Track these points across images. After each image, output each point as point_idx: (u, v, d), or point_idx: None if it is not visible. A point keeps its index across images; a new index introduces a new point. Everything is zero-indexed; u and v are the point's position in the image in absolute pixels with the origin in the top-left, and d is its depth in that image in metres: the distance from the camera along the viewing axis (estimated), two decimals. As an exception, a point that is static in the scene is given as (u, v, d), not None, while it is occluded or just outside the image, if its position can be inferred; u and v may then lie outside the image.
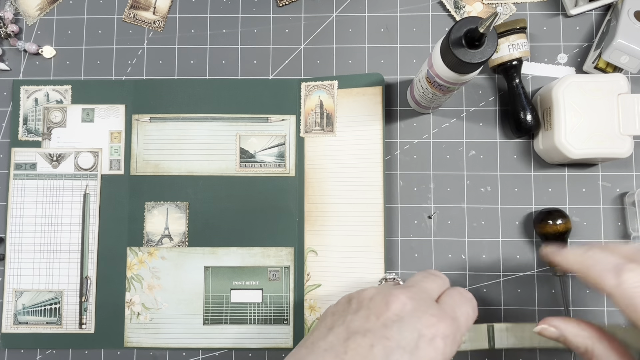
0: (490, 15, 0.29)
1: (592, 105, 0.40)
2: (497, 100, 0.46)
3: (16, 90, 0.46)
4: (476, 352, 0.44)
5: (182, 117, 0.46)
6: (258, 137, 0.46)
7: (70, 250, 0.45)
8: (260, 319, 0.44)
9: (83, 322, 0.44)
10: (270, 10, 0.48)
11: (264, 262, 0.45)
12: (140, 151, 0.46)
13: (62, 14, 0.48)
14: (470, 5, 0.46)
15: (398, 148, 0.46)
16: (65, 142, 0.46)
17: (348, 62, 0.47)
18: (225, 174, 0.45)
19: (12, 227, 0.45)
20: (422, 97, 0.41)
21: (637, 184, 0.45)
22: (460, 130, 0.46)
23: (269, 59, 0.47)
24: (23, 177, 0.46)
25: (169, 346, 0.44)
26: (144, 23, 0.48)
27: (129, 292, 0.45)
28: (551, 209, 0.43)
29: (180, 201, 0.45)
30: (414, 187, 0.45)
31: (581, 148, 0.40)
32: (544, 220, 0.43)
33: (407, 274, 0.45)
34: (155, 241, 0.45)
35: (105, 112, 0.46)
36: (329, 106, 0.45)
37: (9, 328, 0.44)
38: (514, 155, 0.45)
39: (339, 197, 0.44)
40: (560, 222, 0.42)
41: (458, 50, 0.32)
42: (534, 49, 0.46)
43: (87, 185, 0.46)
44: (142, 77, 0.47)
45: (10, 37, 0.47)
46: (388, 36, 0.47)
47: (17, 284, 0.45)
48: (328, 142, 0.45)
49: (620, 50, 0.41)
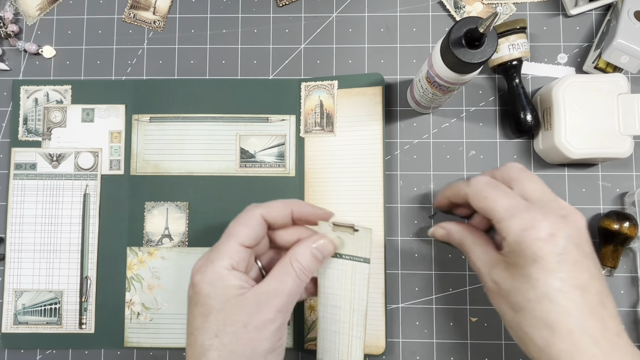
0: (490, 15, 0.29)
1: (592, 105, 0.40)
2: (497, 100, 0.46)
3: (16, 90, 0.46)
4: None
5: (182, 117, 0.46)
6: (258, 137, 0.46)
7: (70, 250, 0.45)
8: (260, 319, 0.44)
9: (83, 322, 0.44)
10: (270, 10, 0.48)
11: (264, 262, 0.45)
12: (140, 151, 0.46)
13: (62, 14, 0.48)
14: (470, 5, 0.46)
15: (398, 148, 0.46)
16: (65, 142, 0.46)
17: (348, 62, 0.47)
18: (225, 174, 0.45)
19: (12, 227, 0.45)
20: (422, 97, 0.41)
21: (637, 184, 0.45)
22: (460, 130, 0.46)
23: (269, 59, 0.47)
24: (23, 177, 0.46)
25: (169, 346, 0.44)
26: (144, 23, 0.48)
27: (129, 292, 0.45)
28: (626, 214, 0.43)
29: (180, 201, 0.45)
30: (414, 187, 0.45)
31: (581, 148, 0.40)
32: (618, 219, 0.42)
33: (407, 274, 0.45)
34: (155, 241, 0.45)
35: (105, 112, 0.46)
36: (329, 106, 0.45)
37: (9, 328, 0.44)
38: (514, 155, 0.45)
39: (339, 197, 0.44)
40: (627, 224, 0.42)
41: (458, 50, 0.32)
42: (534, 49, 0.46)
43: (87, 185, 0.46)
44: (142, 77, 0.47)
45: (10, 37, 0.47)
46: (388, 36, 0.47)
47: (17, 284, 0.45)
48: (328, 142, 0.45)
49: (620, 50, 0.41)
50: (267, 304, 0.31)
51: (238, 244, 0.33)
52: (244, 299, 0.31)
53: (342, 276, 0.37)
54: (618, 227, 0.42)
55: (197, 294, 0.31)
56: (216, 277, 0.31)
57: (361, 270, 0.36)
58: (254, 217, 0.34)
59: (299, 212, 0.35)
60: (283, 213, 0.35)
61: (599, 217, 0.44)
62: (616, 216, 0.42)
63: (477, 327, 0.44)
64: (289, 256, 0.33)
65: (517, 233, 0.30)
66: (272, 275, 0.32)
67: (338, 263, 0.36)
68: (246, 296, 0.31)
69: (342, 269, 0.36)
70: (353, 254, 0.36)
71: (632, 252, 0.44)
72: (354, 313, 0.37)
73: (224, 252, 0.32)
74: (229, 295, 0.31)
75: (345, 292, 0.37)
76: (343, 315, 0.37)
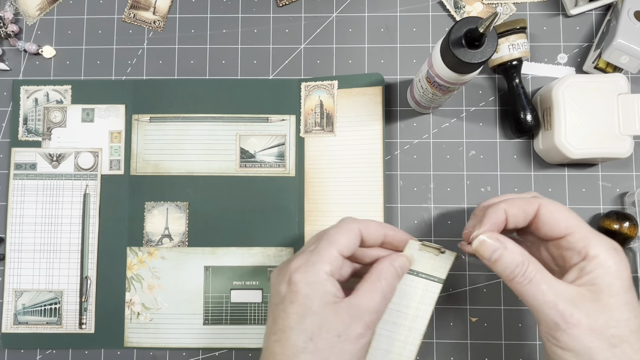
0: (490, 15, 0.29)
1: (592, 105, 0.40)
2: (497, 100, 0.46)
3: (16, 90, 0.46)
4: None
5: (182, 117, 0.46)
6: (258, 137, 0.46)
7: (70, 250, 0.45)
8: (260, 319, 0.44)
9: (83, 322, 0.44)
10: (270, 10, 0.48)
11: (264, 262, 0.45)
12: (140, 151, 0.46)
13: (62, 14, 0.48)
14: (470, 5, 0.46)
15: (398, 148, 0.46)
16: (65, 142, 0.46)
17: (348, 62, 0.47)
18: (225, 174, 0.45)
19: (12, 227, 0.45)
20: (422, 97, 0.41)
21: (637, 184, 0.45)
22: (460, 130, 0.46)
23: (269, 59, 0.47)
24: (23, 177, 0.46)
25: (169, 346, 0.44)
26: (144, 23, 0.48)
27: (129, 292, 0.45)
28: (626, 214, 0.43)
29: (180, 201, 0.45)
30: (414, 187, 0.45)
31: (581, 148, 0.40)
32: (618, 219, 0.42)
33: (407, 274, 0.45)
34: (155, 241, 0.45)
35: (105, 112, 0.46)
36: (329, 106, 0.45)
37: (9, 328, 0.44)
38: (514, 155, 0.45)
39: (339, 197, 0.44)
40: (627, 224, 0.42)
41: (458, 50, 0.32)
42: (534, 49, 0.46)
43: (87, 185, 0.46)
44: (142, 77, 0.47)
45: (10, 37, 0.47)
46: (388, 36, 0.47)
47: (17, 284, 0.45)
48: (328, 142, 0.45)
49: (620, 50, 0.41)
50: (359, 318, 0.30)
51: (338, 251, 0.32)
52: (338, 308, 0.31)
53: (411, 293, 0.36)
54: (618, 227, 0.42)
55: (295, 293, 0.31)
56: (316, 280, 0.31)
57: (432, 289, 0.36)
58: (353, 230, 0.34)
59: (393, 236, 0.35)
60: (377, 234, 0.35)
61: (599, 217, 0.44)
62: (616, 216, 0.42)
63: (477, 327, 0.44)
64: (376, 273, 0.33)
65: (608, 253, 0.30)
66: (363, 291, 0.32)
67: (410, 280, 0.36)
68: (340, 305, 0.31)
69: (414, 286, 0.36)
70: (429, 273, 0.36)
71: (632, 252, 0.44)
72: (411, 332, 0.36)
73: (326, 256, 0.32)
74: (326, 301, 0.31)
75: (410, 310, 0.36)
76: (400, 333, 0.36)
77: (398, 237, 0.36)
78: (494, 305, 0.44)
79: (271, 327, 0.32)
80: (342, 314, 0.30)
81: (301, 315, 0.30)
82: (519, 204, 0.33)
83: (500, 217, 0.33)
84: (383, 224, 0.36)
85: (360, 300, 0.31)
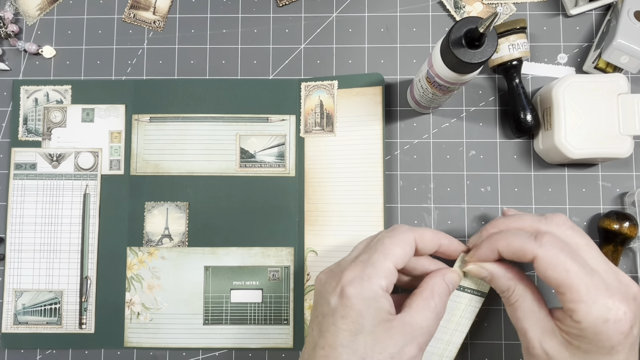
0: (490, 15, 0.29)
1: (592, 105, 0.40)
2: (497, 100, 0.46)
3: (16, 90, 0.46)
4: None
5: (182, 117, 0.46)
6: (258, 137, 0.46)
7: (70, 250, 0.45)
8: (260, 319, 0.44)
9: (83, 322, 0.44)
10: (270, 10, 0.48)
11: (264, 262, 0.45)
12: (140, 151, 0.46)
13: (62, 14, 0.48)
14: (470, 5, 0.46)
15: (398, 148, 0.46)
16: (65, 142, 0.46)
17: (348, 62, 0.47)
18: (225, 174, 0.45)
19: (12, 227, 0.45)
20: (422, 97, 0.41)
21: (637, 184, 0.45)
22: (460, 130, 0.46)
23: (269, 59, 0.47)
24: (23, 177, 0.46)
25: (169, 346, 0.44)
26: (144, 23, 0.48)
27: (129, 292, 0.45)
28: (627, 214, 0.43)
29: (180, 201, 0.45)
30: (414, 187, 0.45)
31: (581, 148, 0.40)
32: (618, 219, 0.42)
33: (407, 274, 0.45)
34: (155, 241, 0.45)
35: (105, 112, 0.46)
36: (329, 106, 0.45)
37: (9, 328, 0.44)
38: (514, 155, 0.45)
39: (339, 197, 0.44)
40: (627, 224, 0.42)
41: (458, 50, 0.32)
42: (534, 49, 0.46)
43: (87, 185, 0.46)
44: (142, 77, 0.47)
45: (10, 37, 0.47)
46: (388, 36, 0.47)
47: (17, 284, 0.45)
48: (328, 142, 0.45)
49: (620, 50, 0.41)
50: (413, 339, 0.29)
51: (394, 264, 0.31)
52: (392, 327, 0.29)
53: (455, 308, 0.35)
54: (618, 227, 0.42)
55: (348, 308, 0.29)
56: (372, 296, 0.30)
57: (475, 303, 0.36)
58: (408, 241, 0.32)
59: (447, 246, 0.34)
60: (432, 244, 0.34)
61: (599, 217, 0.44)
62: (616, 216, 0.42)
63: (477, 327, 0.44)
64: (429, 290, 0.32)
65: (597, 323, 0.28)
66: (416, 309, 0.31)
67: (455, 294, 0.35)
68: (393, 324, 0.29)
69: (458, 301, 0.36)
70: (474, 287, 0.36)
71: (632, 252, 0.44)
72: (449, 345, 0.36)
73: (382, 270, 0.30)
74: (380, 319, 0.29)
75: (451, 324, 0.36)
76: (438, 347, 0.36)
77: (452, 248, 0.34)
78: (494, 305, 0.44)
79: (317, 339, 0.31)
80: (395, 334, 0.29)
81: (353, 333, 0.29)
82: (514, 250, 0.31)
83: (491, 256, 0.33)
84: (437, 233, 0.34)
85: (413, 318, 0.30)
